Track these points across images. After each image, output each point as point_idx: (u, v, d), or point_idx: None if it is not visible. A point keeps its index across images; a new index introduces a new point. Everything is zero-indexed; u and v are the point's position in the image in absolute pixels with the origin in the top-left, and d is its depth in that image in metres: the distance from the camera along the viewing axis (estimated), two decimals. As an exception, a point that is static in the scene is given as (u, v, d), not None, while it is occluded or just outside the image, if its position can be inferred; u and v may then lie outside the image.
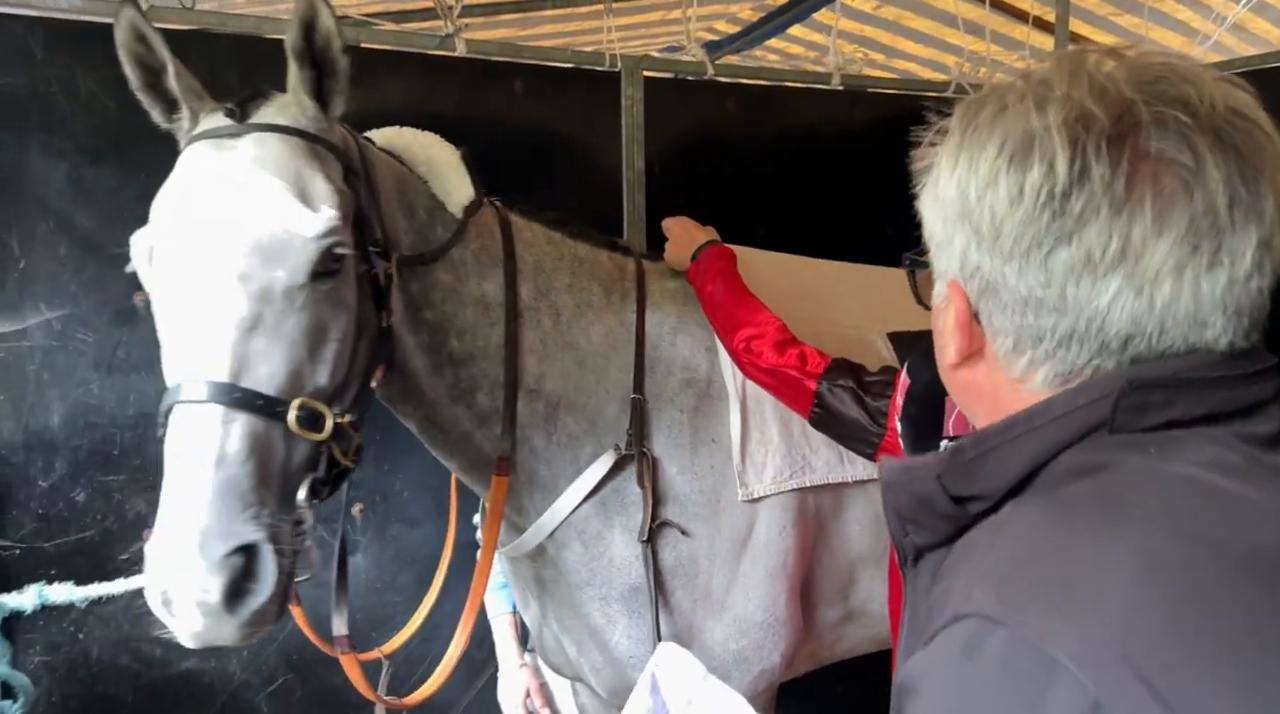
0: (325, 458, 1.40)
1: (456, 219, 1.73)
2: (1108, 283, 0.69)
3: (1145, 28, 3.68)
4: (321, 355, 1.40)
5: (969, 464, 0.75)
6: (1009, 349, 0.76)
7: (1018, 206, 0.71)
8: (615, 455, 1.79)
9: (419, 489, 2.72)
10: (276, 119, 1.46)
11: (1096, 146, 0.68)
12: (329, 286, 1.40)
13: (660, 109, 2.82)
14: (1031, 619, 0.60)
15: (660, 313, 1.94)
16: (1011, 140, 0.71)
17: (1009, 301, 0.74)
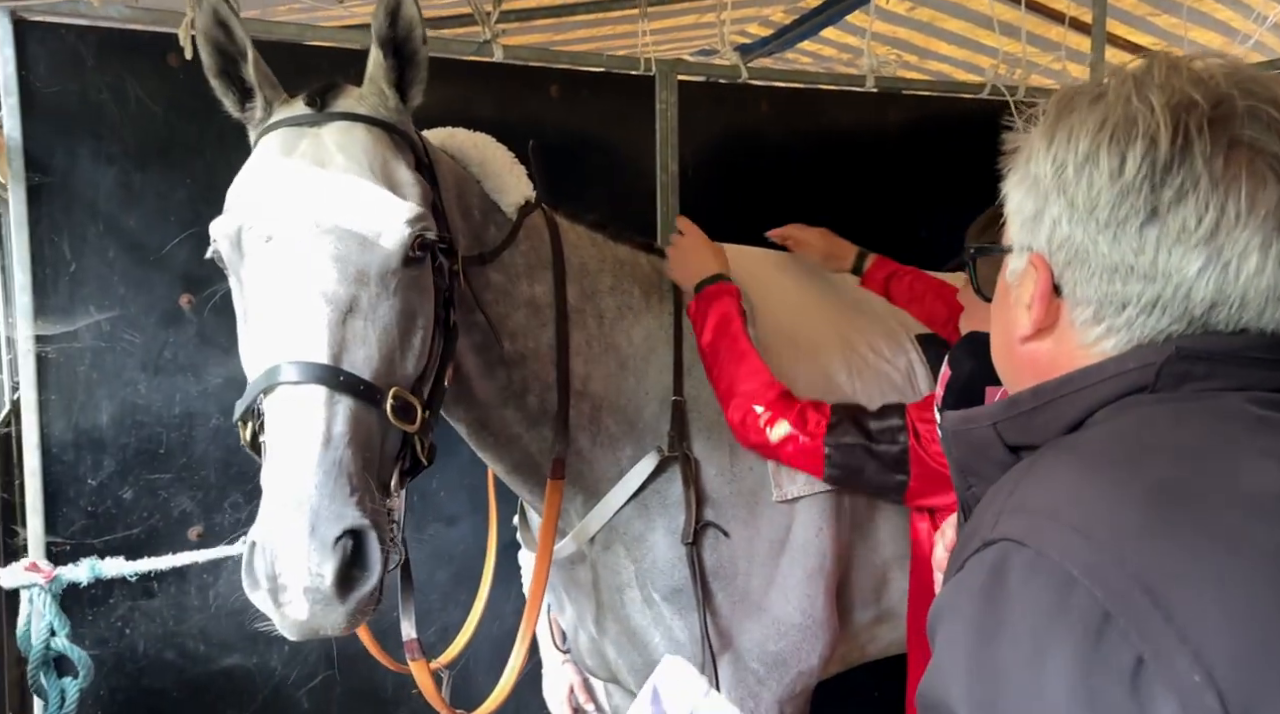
0: (411, 451, 1.38)
1: (510, 220, 1.74)
2: (1199, 252, 0.74)
3: (1184, 28, 3.65)
4: (411, 342, 1.39)
5: (1026, 415, 0.81)
6: (1088, 318, 0.81)
7: (1117, 179, 0.76)
8: (658, 457, 1.81)
9: (455, 488, 2.75)
10: (356, 108, 1.46)
11: (1199, 126, 0.74)
12: (417, 272, 1.40)
13: (694, 112, 2.84)
14: (1050, 539, 0.66)
15: None
16: (1113, 119, 0.77)
17: (1097, 269, 0.78)
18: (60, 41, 2.26)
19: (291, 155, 1.41)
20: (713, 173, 2.88)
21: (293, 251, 1.34)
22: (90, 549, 2.32)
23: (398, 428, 1.34)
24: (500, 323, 1.71)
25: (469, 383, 1.71)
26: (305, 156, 1.41)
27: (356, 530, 1.22)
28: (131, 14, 2.28)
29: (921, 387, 2.01)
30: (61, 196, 2.28)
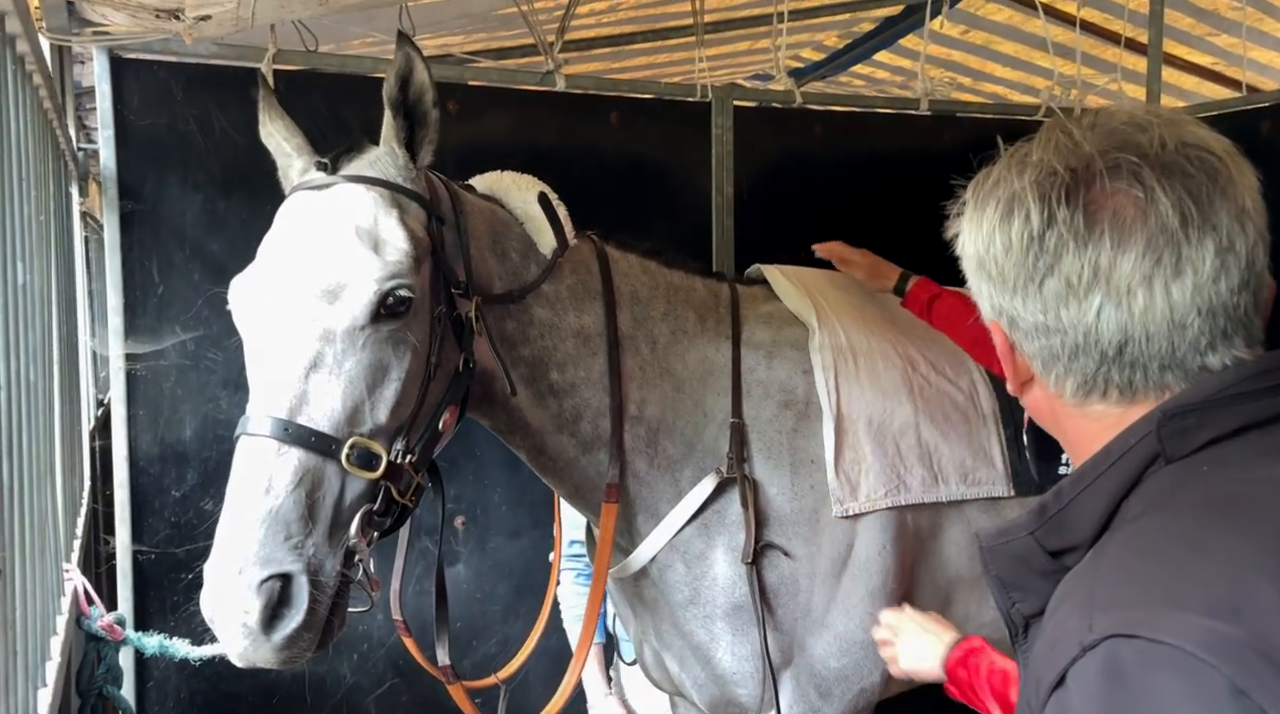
0: (383, 495, 1.48)
1: (546, 259, 1.82)
2: (1090, 301, 0.82)
3: (1243, 47, 3.63)
4: (381, 395, 1.49)
5: (1056, 518, 0.86)
6: (1040, 369, 0.91)
7: (1011, 253, 0.86)
8: (717, 479, 1.85)
9: (516, 504, 2.83)
10: (363, 170, 1.59)
11: (1059, 195, 0.83)
12: (392, 328, 1.49)
13: (749, 136, 2.90)
14: (1158, 624, 0.67)
15: (755, 337, 1.99)
16: (1002, 202, 0.87)
17: (1026, 329, 0.89)
18: (152, 77, 2.40)
19: (289, 218, 1.56)
20: (768, 195, 2.93)
21: (265, 310, 1.49)
22: (173, 558, 2.44)
23: (359, 476, 1.45)
24: (547, 355, 1.79)
25: (521, 413, 1.78)
26: (298, 220, 1.54)
27: (285, 574, 1.37)
28: (218, 50, 2.42)
29: (984, 407, 2.03)
30: (151, 223, 2.42)
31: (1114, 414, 0.86)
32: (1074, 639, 0.72)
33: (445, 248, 1.63)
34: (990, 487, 1.97)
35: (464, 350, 1.62)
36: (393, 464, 1.48)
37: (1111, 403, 0.86)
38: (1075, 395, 0.88)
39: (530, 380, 1.78)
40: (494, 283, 1.74)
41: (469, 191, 1.84)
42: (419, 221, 1.58)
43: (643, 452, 1.87)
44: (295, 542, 1.38)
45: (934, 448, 1.93)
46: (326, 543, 1.42)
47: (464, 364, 1.62)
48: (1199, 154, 0.82)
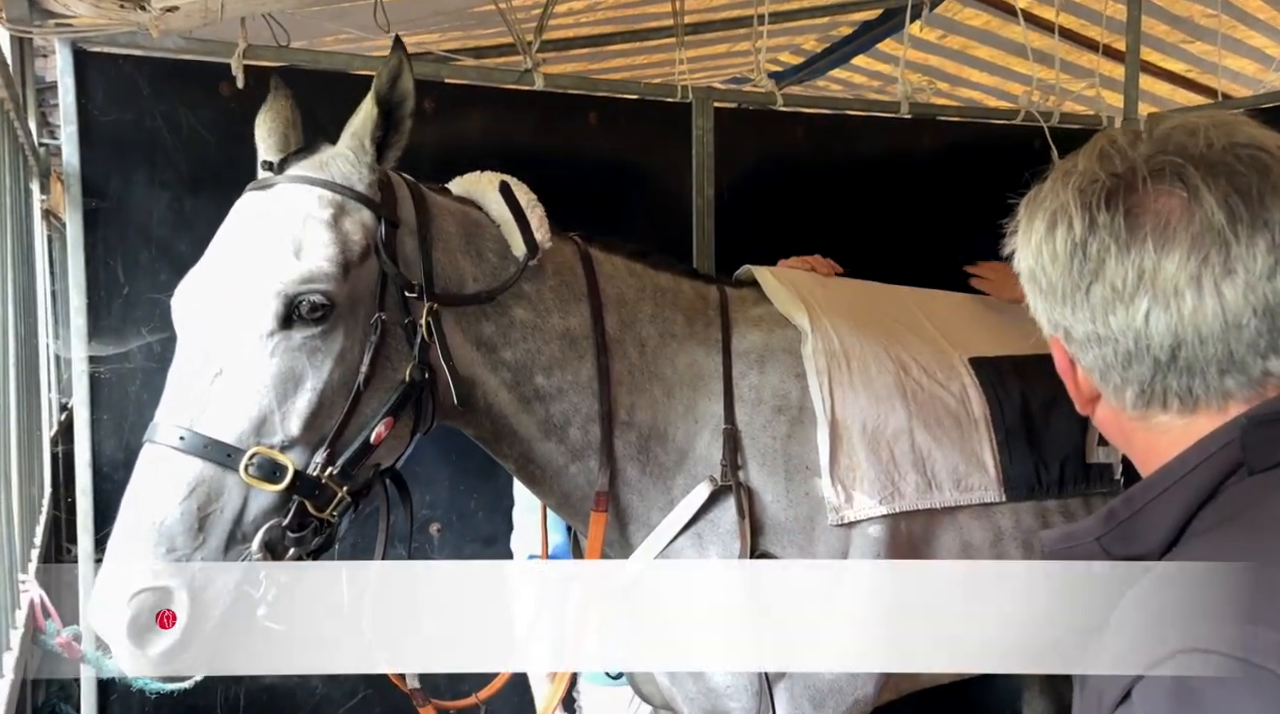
0: (296, 510, 1.43)
1: (519, 263, 1.77)
2: (1137, 305, 0.81)
3: (1218, 54, 3.65)
4: (294, 405, 1.44)
5: (1125, 524, 0.83)
6: (1099, 381, 0.88)
7: (1057, 263, 0.86)
8: (711, 486, 1.81)
9: (492, 510, 2.77)
10: (311, 171, 1.57)
11: (1100, 200, 0.83)
12: (308, 335, 1.45)
13: (730, 139, 2.87)
14: (1234, 638, 0.65)
15: (747, 340, 1.95)
16: (1047, 214, 0.87)
17: (1080, 340, 0.87)
18: (118, 71, 2.33)
19: (229, 220, 1.55)
20: (749, 198, 2.91)
21: (188, 314, 1.48)
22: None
23: (262, 488, 1.41)
24: (531, 358, 1.75)
25: (506, 419, 1.75)
26: (234, 222, 1.54)
27: (161, 588, 1.34)
28: (186, 44, 2.35)
29: (975, 412, 1.99)
30: (116, 221, 2.35)
31: (1178, 426, 0.84)
32: (1142, 653, 0.69)
33: (401, 251, 1.60)
34: (982, 493, 1.94)
35: (420, 358, 1.58)
36: (304, 477, 1.43)
37: (1174, 414, 0.84)
38: (1135, 406, 0.86)
39: (514, 385, 1.74)
40: (467, 285, 1.70)
41: (444, 194, 1.80)
42: (361, 225, 1.56)
43: (634, 458, 1.83)
44: (179, 555, 1.35)
45: (927, 453, 1.91)
46: (220, 557, 1.38)
47: (418, 373, 1.57)
48: (1250, 152, 0.80)
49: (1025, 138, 3.22)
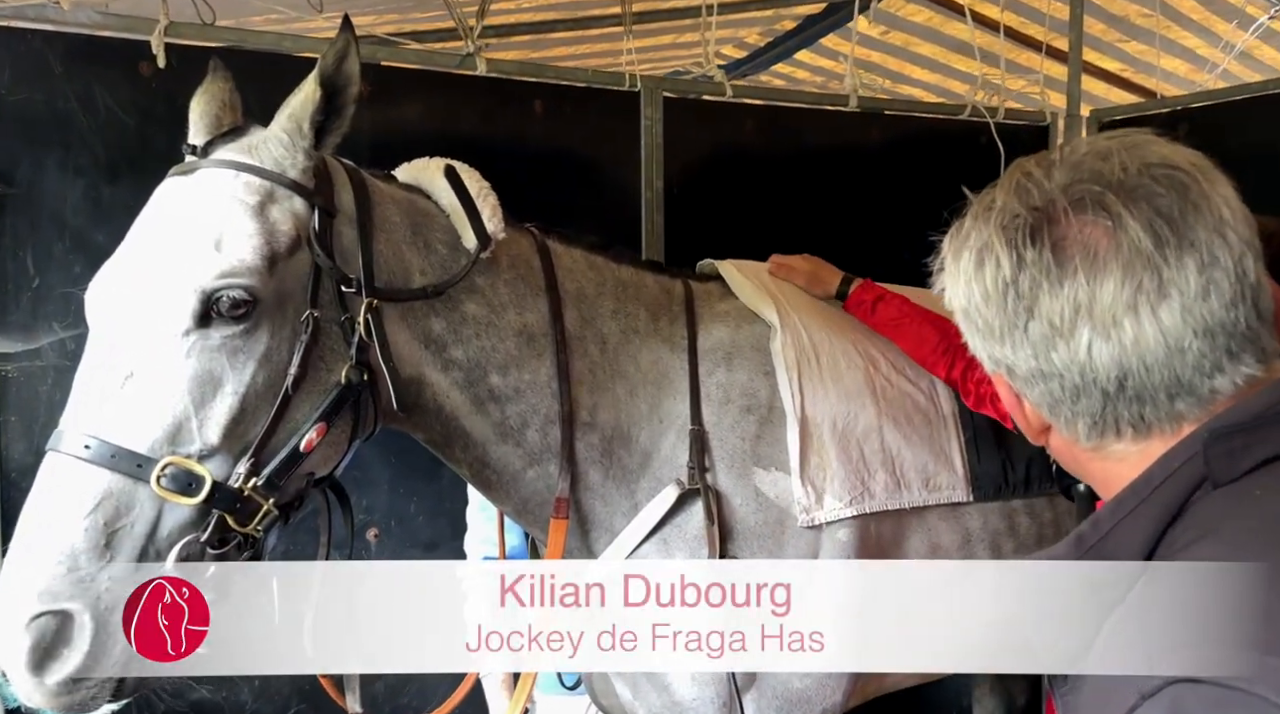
0: (215, 525, 1.32)
1: (470, 255, 1.67)
2: (1078, 339, 0.79)
3: (1156, 55, 3.69)
4: (212, 411, 1.33)
5: (1095, 548, 0.82)
6: (1049, 415, 0.87)
7: (990, 302, 0.84)
8: (678, 490, 1.74)
9: (434, 514, 2.67)
10: (237, 155, 1.45)
11: (1024, 236, 0.81)
12: (228, 334, 1.34)
13: (679, 129, 2.81)
14: (1225, 664, 0.63)
15: (712, 337, 1.88)
16: (972, 252, 0.85)
17: (1024, 377, 0.85)
18: (27, 47, 2.17)
19: (147, 207, 1.44)
20: (698, 190, 2.85)
21: (99, 310, 1.36)
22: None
23: (176, 501, 1.30)
24: (485, 356, 1.66)
25: (459, 421, 1.66)
26: (152, 210, 1.42)
27: (62, 612, 1.23)
28: (101, 20, 2.20)
29: (944, 409, 1.95)
30: (26, 209, 2.19)
31: (1134, 452, 0.83)
32: (1131, 686, 0.66)
33: (338, 242, 1.49)
34: (951, 492, 1.90)
35: (357, 358, 1.47)
36: (224, 489, 1.33)
37: (1128, 441, 0.83)
38: (1090, 437, 0.85)
39: (467, 385, 1.65)
40: (414, 279, 1.60)
41: (389, 181, 1.70)
42: (290, 214, 1.44)
43: (597, 462, 1.74)
44: (82, 575, 1.23)
45: (897, 452, 1.86)
46: (130, 577, 1.25)
47: (355, 374, 1.46)
48: (1165, 173, 0.79)
49: (971, 133, 3.23)
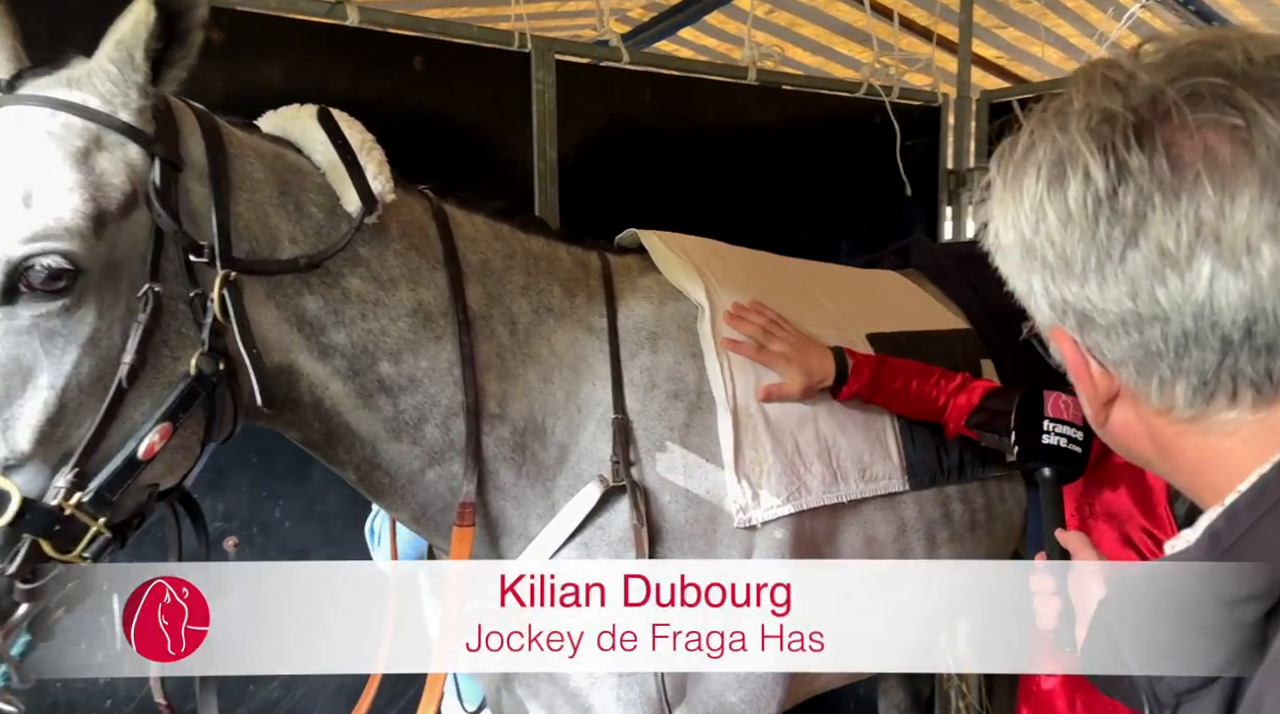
0: (26, 553, 1.10)
1: (352, 220, 1.42)
2: (1196, 270, 0.64)
3: (1041, 48, 3.73)
4: (22, 409, 1.10)
5: (1234, 549, 0.65)
6: (1134, 378, 0.70)
7: (1072, 226, 0.67)
8: (601, 487, 1.54)
9: (303, 517, 2.38)
10: (51, 90, 1.18)
11: (1125, 139, 0.65)
12: (41, 313, 1.10)
13: (574, 96, 2.60)
14: None
15: (635, 316, 1.70)
16: (1045, 165, 0.69)
17: (1108, 326, 0.69)
18: None
19: None
20: (595, 162, 2.66)
21: None
22: None
23: None
24: (373, 341, 1.43)
25: (341, 417, 1.43)
26: None
27: None
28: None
29: None
30: None
31: (1249, 423, 0.66)
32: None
33: (185, 202, 1.23)
34: (887, 482, 1.77)
35: (211, 344, 1.22)
36: (37, 507, 1.10)
37: (1243, 408, 0.66)
38: (1192, 404, 0.68)
39: (351, 375, 1.41)
40: (282, 248, 1.35)
41: (252, 132, 1.44)
42: (124, 164, 1.19)
43: (508, 458, 1.53)
44: None
45: (832, 442, 1.71)
46: None
47: (208, 363, 1.22)
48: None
49: (866, 113, 3.17)
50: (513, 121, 2.55)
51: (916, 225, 3.29)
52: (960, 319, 2.08)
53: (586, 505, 1.53)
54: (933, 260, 2.26)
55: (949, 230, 3.42)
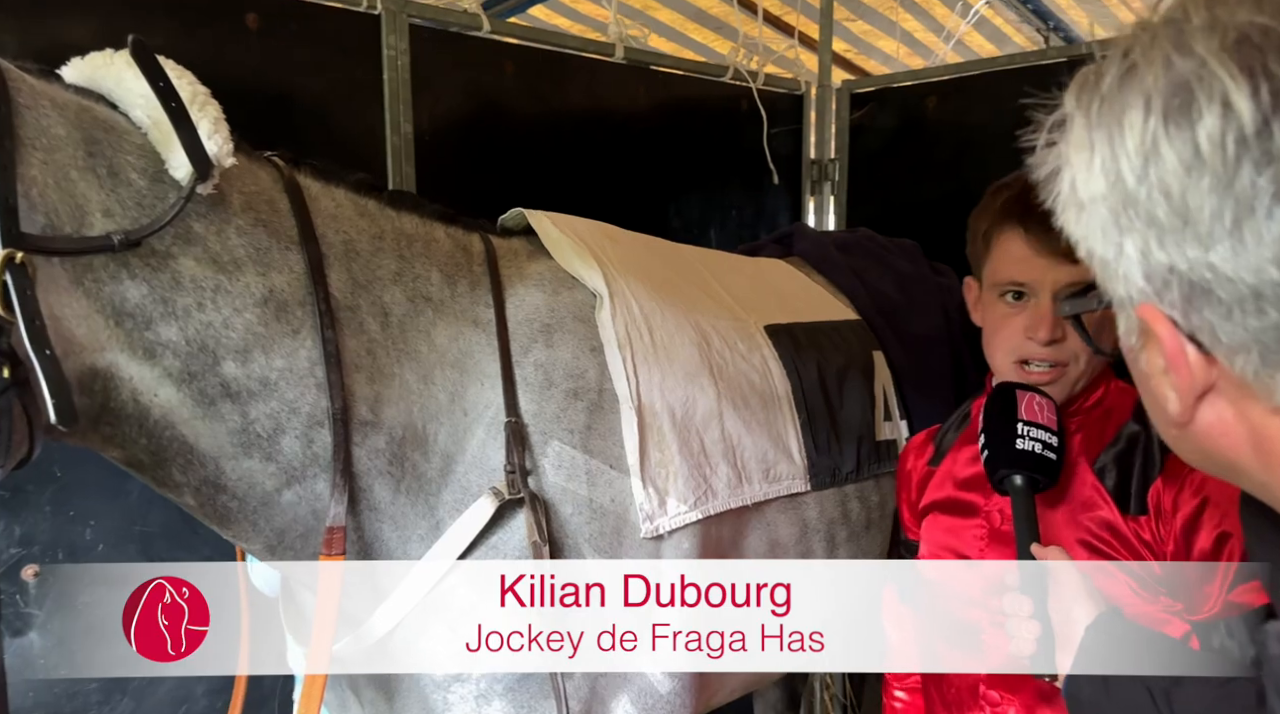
0: None
1: (182, 189, 1.19)
2: None
3: (896, 48, 3.75)
4: None
5: None
6: (1257, 366, 0.56)
7: (1199, 171, 0.54)
8: (495, 501, 1.35)
9: (120, 539, 2.09)
10: None
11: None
12: None
13: (430, 65, 2.39)
14: None
15: (526, 306, 1.52)
16: (1158, 96, 0.55)
17: (1233, 300, 0.55)
18: None
19: None
20: (454, 138, 2.45)
21: None
22: None
23: None
24: (214, 336, 1.20)
25: (175, 430, 1.20)
26: None
27: None
28: None
29: (778, 389, 1.70)
30: None
31: None
32: None
33: None
34: (790, 482, 1.66)
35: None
36: None
37: None
38: None
39: (187, 378, 1.18)
40: (91, 221, 1.12)
41: (51, 81, 1.18)
42: None
43: (384, 472, 1.32)
44: None
45: (738, 441, 1.59)
46: None
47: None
48: None
49: (733, 99, 3.10)
50: (363, 92, 2.31)
51: (782, 215, 3.25)
52: (850, 310, 2.01)
53: (477, 523, 1.34)
54: (817, 249, 2.19)
55: (811, 222, 3.39)
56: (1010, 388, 1.23)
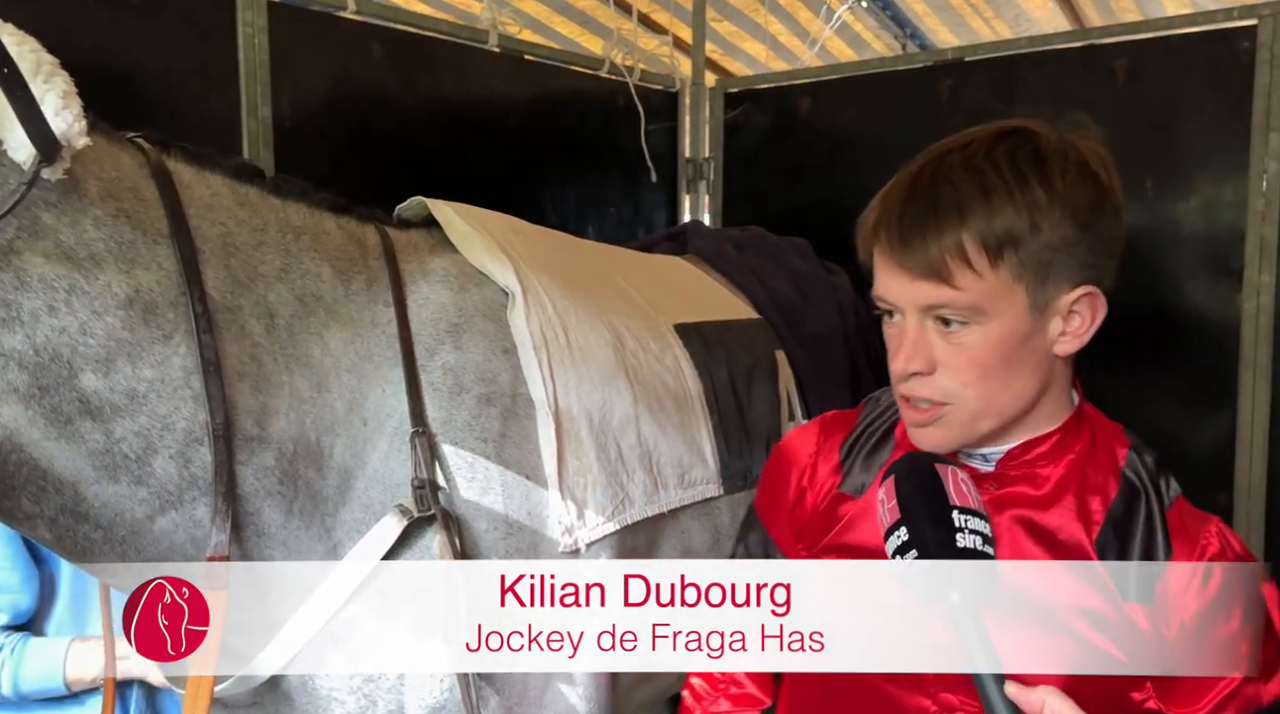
0: None
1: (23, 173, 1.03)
2: None
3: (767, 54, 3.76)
4: None
5: None
6: None
7: None
8: (402, 520, 1.22)
9: None
10: None
11: None
12: None
13: (290, 46, 2.21)
14: None
15: (430, 304, 1.38)
16: None
17: None
18: None
19: None
20: (317, 124, 2.27)
21: None
22: None
23: None
24: (69, 344, 1.05)
25: (22, 453, 1.04)
26: None
27: None
28: None
29: (691, 390, 1.62)
30: None
31: None
32: None
33: None
34: (704, 487, 1.59)
35: None
36: None
37: None
38: None
39: (37, 393, 1.03)
40: None
41: None
42: None
43: (274, 493, 1.18)
44: None
45: (654, 446, 1.51)
46: None
47: None
48: None
49: (610, 94, 3.03)
50: (216, 72, 2.11)
51: (659, 213, 3.20)
52: (750, 308, 1.96)
53: (382, 544, 1.21)
54: (713, 247, 2.13)
55: (687, 219, 3.36)
56: (927, 462, 0.94)
